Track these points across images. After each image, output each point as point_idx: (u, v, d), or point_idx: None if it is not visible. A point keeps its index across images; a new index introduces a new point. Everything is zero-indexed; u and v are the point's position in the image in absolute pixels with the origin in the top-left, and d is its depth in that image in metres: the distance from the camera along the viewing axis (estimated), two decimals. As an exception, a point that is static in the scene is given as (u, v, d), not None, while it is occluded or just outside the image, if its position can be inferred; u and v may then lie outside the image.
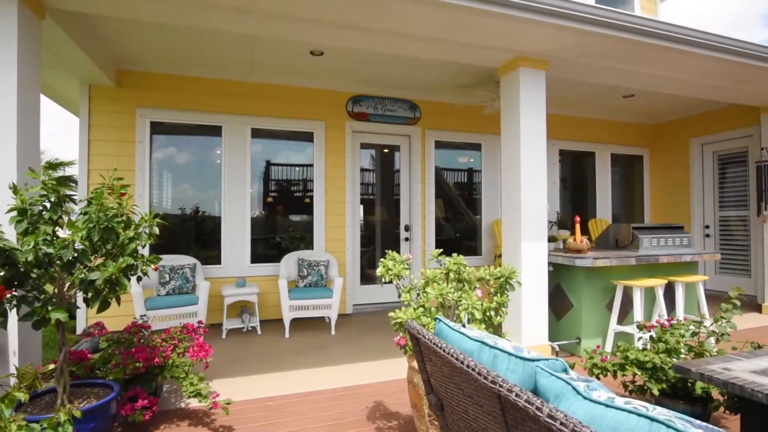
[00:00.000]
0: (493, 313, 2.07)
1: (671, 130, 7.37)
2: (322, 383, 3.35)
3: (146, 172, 4.92)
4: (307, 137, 5.61)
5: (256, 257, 5.34)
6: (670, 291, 4.26)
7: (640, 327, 2.64)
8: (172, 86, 5.01)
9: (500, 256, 4.48)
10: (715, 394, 2.39)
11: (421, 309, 2.08)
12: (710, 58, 4.17)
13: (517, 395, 0.84)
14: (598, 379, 2.58)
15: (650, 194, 7.66)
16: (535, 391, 0.95)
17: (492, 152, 6.41)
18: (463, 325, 1.60)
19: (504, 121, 4.19)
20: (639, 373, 2.37)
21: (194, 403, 2.91)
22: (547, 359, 1.02)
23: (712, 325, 2.62)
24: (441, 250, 2.43)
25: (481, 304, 2.05)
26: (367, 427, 2.62)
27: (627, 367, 2.39)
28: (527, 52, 3.94)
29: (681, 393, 2.38)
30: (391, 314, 2.09)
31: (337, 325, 4.91)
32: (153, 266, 2.16)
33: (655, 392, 2.32)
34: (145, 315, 3.63)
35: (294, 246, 5.55)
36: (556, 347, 3.93)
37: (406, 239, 6.09)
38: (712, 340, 2.78)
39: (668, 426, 0.69)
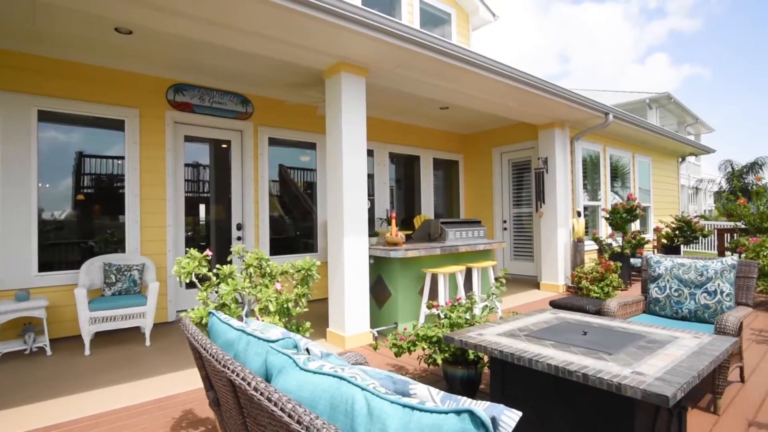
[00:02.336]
0: (291, 304, 2.15)
1: (479, 139, 8.66)
2: (128, 400, 3.00)
3: None
4: (118, 126, 4.94)
5: (49, 265, 4.49)
6: (471, 275, 5.02)
7: (429, 306, 3.05)
8: None
9: (328, 251, 4.65)
10: (484, 356, 2.91)
11: (217, 306, 2.03)
12: (503, 83, 5.04)
13: (237, 374, 0.89)
14: (398, 356, 2.90)
15: (464, 194, 8.88)
16: (267, 369, 1.03)
17: (326, 152, 6.60)
18: (240, 318, 1.62)
19: (328, 122, 4.36)
20: (426, 346, 2.74)
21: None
22: (285, 339, 1.11)
23: (485, 301, 3.19)
24: (243, 245, 2.41)
25: (277, 297, 2.11)
26: (169, 439, 2.44)
27: (417, 342, 2.75)
28: (348, 59, 4.18)
29: (460, 359, 2.84)
30: (182, 314, 2.00)
31: (155, 334, 4.46)
32: None
33: (439, 361, 2.72)
34: None
35: (110, 249, 4.84)
36: (375, 333, 4.26)
37: (239, 238, 5.86)
38: (485, 312, 3.37)
39: (348, 381, 0.82)
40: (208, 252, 2.27)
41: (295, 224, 6.69)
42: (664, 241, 8.24)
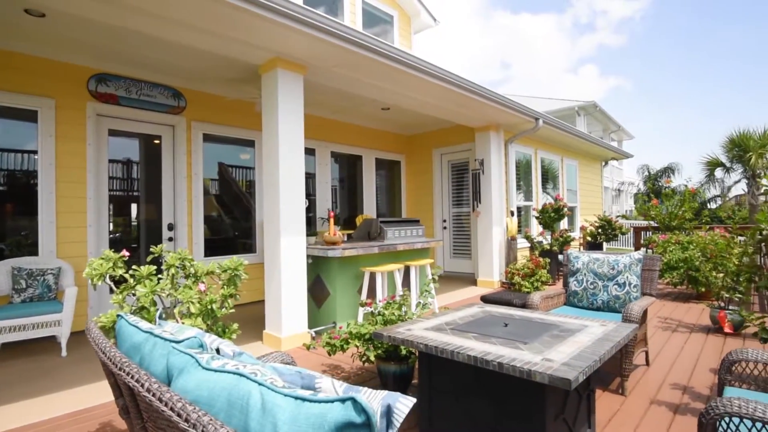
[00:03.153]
0: (216, 306, 2.08)
1: (420, 140, 8.86)
2: (40, 414, 2.76)
3: None
4: (30, 117, 4.51)
5: (-57, 270, 4.01)
6: (409, 273, 5.12)
7: (361, 304, 3.09)
8: None
9: (265, 251, 4.55)
10: (416, 351, 2.98)
11: (134, 310, 1.92)
12: (440, 86, 5.18)
13: (132, 377, 0.86)
14: (333, 354, 2.90)
15: (406, 194, 9.04)
16: (168, 370, 1.00)
17: (262, 150, 6.46)
18: (155, 321, 1.55)
19: (265, 119, 4.27)
20: (359, 344, 2.77)
21: None
22: (190, 339, 1.08)
23: (419, 297, 3.27)
24: (164, 245, 2.30)
25: (200, 299, 2.04)
26: (81, 454, 2.28)
27: (350, 340, 2.77)
28: (285, 55, 4.11)
29: (393, 355, 2.89)
30: (94, 318, 1.87)
31: (73, 344, 4.13)
32: None
33: (372, 358, 2.75)
34: None
35: (23, 252, 4.41)
36: (313, 333, 4.23)
37: (170, 239, 5.57)
38: (419, 308, 3.46)
39: (247, 377, 0.82)
40: (124, 252, 2.14)
41: (235, 224, 6.48)
42: (588, 238, 8.88)
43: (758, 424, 1.41)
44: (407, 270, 5.10)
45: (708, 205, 14.18)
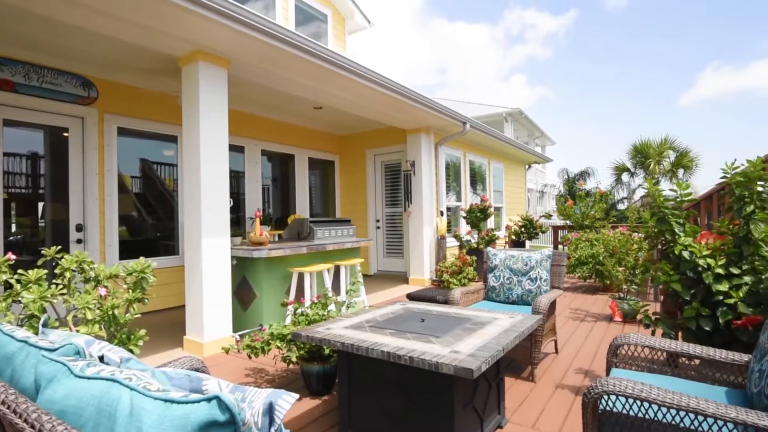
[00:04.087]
0: (119, 311, 1.95)
1: (354, 141, 8.89)
2: None
3: None
4: None
5: None
6: (339, 273, 5.12)
7: (283, 305, 3.05)
8: None
9: (186, 253, 4.32)
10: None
11: (23, 318, 1.75)
12: (371, 88, 5.23)
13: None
14: (251, 357, 2.83)
15: (340, 194, 9.03)
16: (36, 380, 0.93)
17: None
18: (38, 330, 1.42)
19: (185, 113, 4.07)
20: (281, 345, 2.73)
21: None
22: (65, 346, 1.01)
23: (344, 296, 3.28)
24: (59, 247, 2.12)
25: (100, 304, 1.90)
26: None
27: (271, 342, 2.72)
28: (207, 48, 3.94)
29: (316, 355, 2.88)
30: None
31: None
32: None
33: (294, 359, 2.73)
34: None
35: None
36: (237, 337, 4.09)
37: (79, 241, 5.11)
38: (343, 307, 3.48)
39: (120, 383, 0.78)
40: (9, 256, 1.93)
41: (159, 225, 6.09)
42: (513, 237, 9.42)
43: (630, 400, 1.59)
44: (337, 270, 5.10)
45: (617, 206, 15.65)
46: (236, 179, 7.05)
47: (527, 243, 9.81)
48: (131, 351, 2.04)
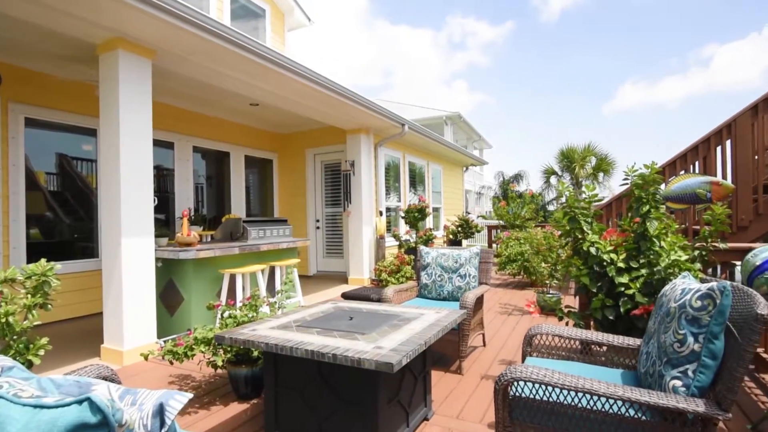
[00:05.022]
0: (12, 318, 1.78)
1: (293, 140, 8.75)
2: None
3: None
4: None
5: None
6: (274, 274, 5.02)
7: (209, 307, 2.94)
8: None
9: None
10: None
11: None
12: (309, 87, 5.16)
13: None
14: (172, 364, 2.70)
15: (279, 193, 8.84)
16: None
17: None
18: None
19: (103, 105, 3.79)
20: (205, 350, 2.63)
21: None
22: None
23: (275, 297, 3.23)
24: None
25: (-11, 310, 1.72)
26: None
27: (195, 347, 2.61)
28: (129, 36, 3.70)
29: (244, 358, 2.81)
30: None
31: None
32: None
33: (219, 363, 2.64)
34: None
35: None
36: (162, 343, 3.88)
37: (-23, 243, 4.59)
38: (275, 308, 3.42)
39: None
40: None
41: (78, 225, 5.61)
42: (450, 236, 9.74)
43: (536, 385, 1.72)
44: (273, 271, 4.99)
45: (547, 207, 16.70)
46: (165, 177, 6.67)
47: (464, 242, 10.18)
48: (30, 362, 1.87)
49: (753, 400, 2.74)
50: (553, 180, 15.73)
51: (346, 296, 4.25)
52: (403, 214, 8.14)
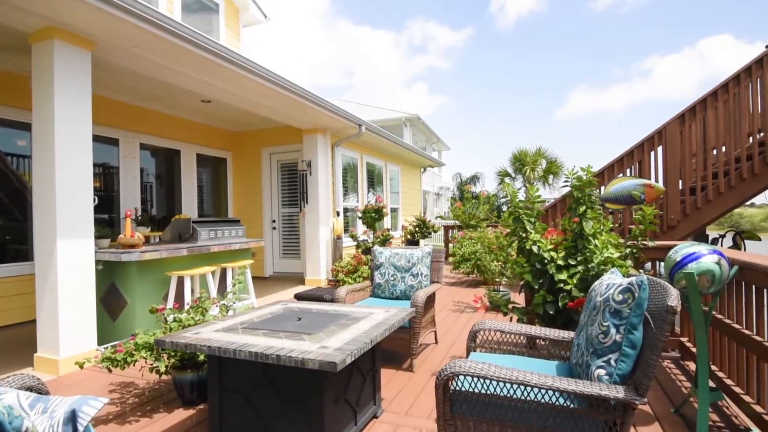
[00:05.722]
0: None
1: (248, 138, 8.55)
2: None
3: None
4: None
5: None
6: (226, 275, 4.89)
7: (152, 311, 2.84)
8: None
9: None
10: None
11: None
12: (261, 84, 5.06)
13: None
14: (110, 371, 2.58)
15: (233, 193, 8.62)
16: None
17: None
18: None
19: (36, 98, 3.56)
20: (147, 355, 2.53)
21: None
22: None
23: (223, 299, 3.15)
24: None
25: None
26: None
27: (135, 353, 2.51)
28: (65, 25, 3.50)
29: (190, 363, 2.72)
30: None
31: None
32: None
33: (162, 368, 2.54)
34: None
35: None
36: (103, 350, 3.69)
37: None
38: (223, 310, 3.35)
39: None
40: None
41: (11, 226, 5.21)
42: (408, 236, 9.85)
43: (474, 379, 1.78)
44: (224, 272, 4.86)
45: (502, 208, 17.25)
46: (109, 175, 6.34)
47: (421, 242, 10.34)
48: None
49: (677, 386, 2.97)
50: (507, 181, 16.28)
51: (298, 297, 4.21)
52: (360, 215, 8.15)
